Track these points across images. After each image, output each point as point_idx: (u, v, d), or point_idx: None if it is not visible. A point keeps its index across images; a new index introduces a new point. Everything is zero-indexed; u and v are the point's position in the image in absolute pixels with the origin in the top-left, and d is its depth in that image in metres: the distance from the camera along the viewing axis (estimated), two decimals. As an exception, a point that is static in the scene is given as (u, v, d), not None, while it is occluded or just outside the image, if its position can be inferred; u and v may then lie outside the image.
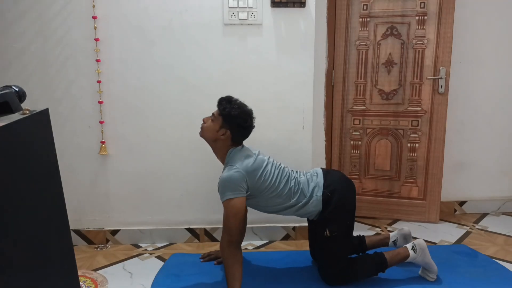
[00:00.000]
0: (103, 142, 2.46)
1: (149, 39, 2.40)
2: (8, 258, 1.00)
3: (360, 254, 2.22)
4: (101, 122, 2.45)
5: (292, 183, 2.03)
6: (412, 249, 2.06)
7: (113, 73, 2.41)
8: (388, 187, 2.97)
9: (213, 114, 2.05)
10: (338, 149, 2.99)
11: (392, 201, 2.97)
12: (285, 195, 2.01)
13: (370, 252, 2.18)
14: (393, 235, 2.30)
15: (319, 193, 2.01)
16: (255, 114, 2.31)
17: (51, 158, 1.27)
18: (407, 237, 2.27)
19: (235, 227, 1.90)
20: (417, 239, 2.12)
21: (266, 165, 2.00)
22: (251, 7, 2.38)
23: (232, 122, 1.98)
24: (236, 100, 2.04)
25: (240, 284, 1.87)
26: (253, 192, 1.97)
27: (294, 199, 2.01)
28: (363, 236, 2.30)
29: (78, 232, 2.56)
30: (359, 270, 2.05)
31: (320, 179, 2.05)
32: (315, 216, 2.05)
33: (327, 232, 1.99)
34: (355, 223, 2.88)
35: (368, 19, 2.81)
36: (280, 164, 2.09)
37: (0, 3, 2.30)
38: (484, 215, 3.06)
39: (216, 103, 2.07)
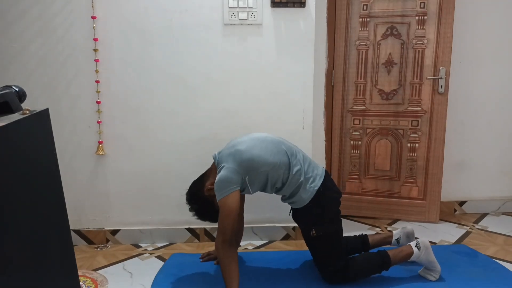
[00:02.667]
0: (100, 142, 2.46)
1: (149, 39, 2.40)
2: (8, 258, 1.00)
3: (363, 252, 2.21)
4: (99, 122, 2.45)
5: (287, 151, 2.02)
6: (416, 246, 2.05)
7: (112, 73, 2.41)
8: (388, 187, 2.97)
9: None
10: (338, 149, 2.99)
11: (392, 201, 2.97)
12: (283, 164, 1.98)
13: (373, 250, 2.17)
14: (396, 233, 2.29)
15: (315, 183, 1.99)
16: (255, 113, 2.34)
17: (51, 158, 1.27)
18: (410, 236, 2.27)
19: (229, 226, 1.89)
20: (420, 238, 2.12)
21: (251, 140, 2.00)
22: (251, 7, 2.38)
23: (199, 200, 2.11)
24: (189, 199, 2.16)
25: (238, 283, 1.86)
26: (251, 173, 1.95)
27: (294, 170, 1.98)
28: (366, 235, 2.30)
29: (78, 232, 2.56)
30: (362, 269, 2.04)
31: (322, 174, 2.04)
32: (301, 204, 2.03)
33: (313, 231, 1.99)
34: (356, 224, 2.92)
35: (368, 19, 2.81)
36: (275, 138, 2.08)
37: (0, 3, 2.30)
38: (484, 215, 3.06)
39: (216, 103, 2.45)
